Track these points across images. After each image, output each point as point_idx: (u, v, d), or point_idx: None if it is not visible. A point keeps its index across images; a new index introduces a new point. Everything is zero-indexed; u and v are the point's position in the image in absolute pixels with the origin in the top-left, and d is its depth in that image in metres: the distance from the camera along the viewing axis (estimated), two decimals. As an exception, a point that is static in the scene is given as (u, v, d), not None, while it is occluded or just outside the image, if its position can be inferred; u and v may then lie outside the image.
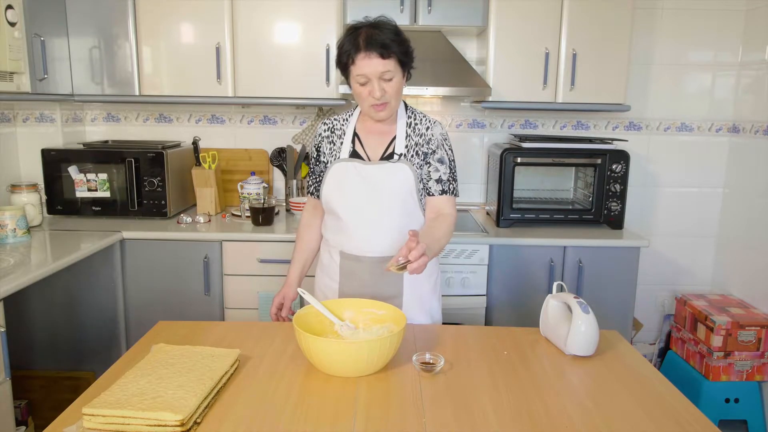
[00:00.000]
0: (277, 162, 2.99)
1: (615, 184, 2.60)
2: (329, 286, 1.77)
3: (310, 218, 1.85)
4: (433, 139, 1.67)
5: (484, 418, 1.16)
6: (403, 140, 1.66)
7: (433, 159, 1.67)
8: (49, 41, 2.43)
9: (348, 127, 1.72)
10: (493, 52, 2.62)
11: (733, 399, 2.63)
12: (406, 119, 1.69)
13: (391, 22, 1.58)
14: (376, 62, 1.51)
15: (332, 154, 1.71)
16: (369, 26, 1.54)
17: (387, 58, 1.52)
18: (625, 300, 2.54)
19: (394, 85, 1.56)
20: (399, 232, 1.65)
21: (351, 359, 1.28)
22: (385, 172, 1.64)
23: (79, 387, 2.45)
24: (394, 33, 1.54)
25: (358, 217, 1.66)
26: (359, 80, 1.55)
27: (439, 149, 1.67)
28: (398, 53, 1.54)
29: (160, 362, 1.26)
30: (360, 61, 1.52)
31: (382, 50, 1.51)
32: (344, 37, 1.56)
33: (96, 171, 2.59)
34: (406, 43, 1.58)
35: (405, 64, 1.58)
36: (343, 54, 1.55)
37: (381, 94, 1.55)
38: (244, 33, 2.60)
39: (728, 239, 3.02)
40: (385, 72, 1.53)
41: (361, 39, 1.51)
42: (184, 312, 2.47)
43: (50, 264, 1.96)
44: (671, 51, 2.96)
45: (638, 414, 1.19)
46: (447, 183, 1.68)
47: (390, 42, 1.52)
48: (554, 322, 1.52)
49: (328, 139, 1.74)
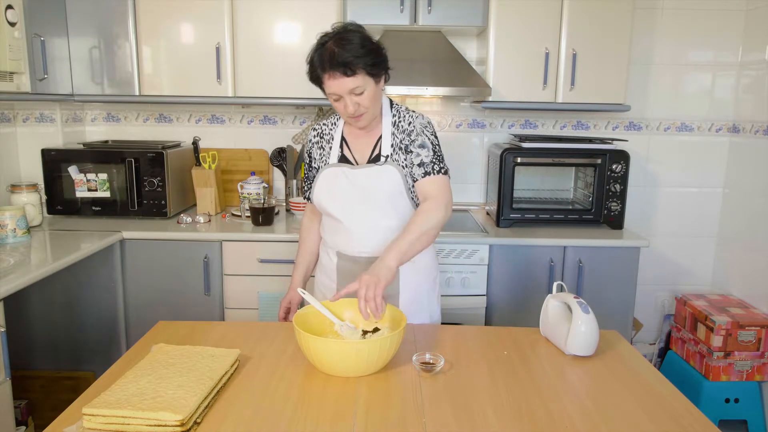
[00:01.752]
0: (277, 162, 2.99)
1: (615, 184, 2.60)
2: (328, 286, 1.78)
3: (309, 222, 1.87)
4: (414, 131, 1.65)
5: (484, 418, 1.16)
6: (388, 140, 1.66)
7: (414, 146, 1.64)
8: (49, 41, 2.42)
9: (336, 132, 1.73)
10: (493, 52, 2.62)
11: (733, 399, 2.63)
12: (391, 119, 1.68)
13: (358, 30, 1.53)
14: (341, 81, 1.50)
15: (322, 160, 1.73)
16: (334, 40, 1.50)
17: (353, 75, 1.49)
18: (625, 300, 2.54)
19: (367, 97, 1.54)
20: (393, 232, 1.65)
21: (351, 359, 1.28)
22: (373, 175, 1.64)
23: (79, 387, 2.45)
24: (359, 46, 1.49)
25: (351, 220, 1.67)
26: (332, 97, 1.56)
27: (419, 136, 1.64)
28: (365, 67, 1.50)
29: (160, 362, 1.26)
30: (327, 81, 1.52)
31: (345, 69, 1.48)
32: (312, 52, 1.54)
33: (96, 171, 2.59)
34: (374, 53, 1.53)
35: (375, 74, 1.54)
36: (312, 73, 1.55)
37: (354, 109, 1.55)
38: (244, 33, 2.60)
39: (728, 239, 3.02)
40: (354, 88, 1.51)
41: (326, 57, 1.49)
42: (184, 312, 2.47)
43: (50, 264, 1.96)
44: (671, 51, 2.96)
45: (638, 414, 1.19)
46: (430, 165, 1.63)
47: (353, 58, 1.47)
48: (554, 322, 1.52)
49: (318, 144, 1.75)
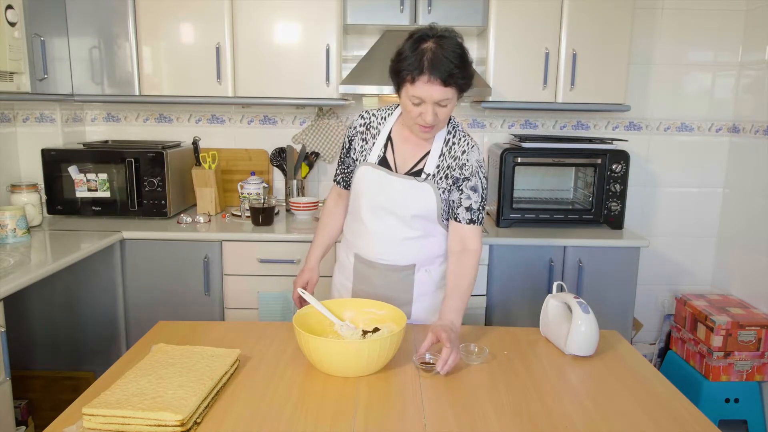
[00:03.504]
0: (277, 162, 2.99)
1: (615, 184, 2.60)
2: (344, 285, 1.77)
3: (333, 206, 1.82)
4: (468, 165, 1.57)
5: (484, 418, 1.16)
6: (435, 159, 1.58)
7: (466, 186, 1.58)
8: (49, 41, 2.42)
9: (384, 128, 1.63)
10: (493, 52, 2.62)
11: (733, 399, 2.63)
12: (445, 136, 1.60)
13: (456, 38, 1.45)
14: (436, 89, 1.41)
15: (362, 153, 1.64)
16: (435, 41, 1.42)
17: (449, 86, 1.41)
18: (625, 300, 2.54)
19: (448, 111, 1.48)
20: (415, 247, 1.63)
21: (351, 359, 1.28)
22: (409, 188, 1.58)
23: (79, 387, 2.45)
24: (459, 57, 1.41)
25: (375, 225, 1.63)
26: (413, 100, 1.45)
27: (473, 176, 1.58)
28: (460, 83, 1.43)
29: (160, 362, 1.26)
30: (421, 84, 1.41)
31: (447, 78, 1.39)
32: (407, 48, 1.44)
33: (96, 171, 2.59)
34: (469, 68, 1.46)
35: (464, 89, 1.47)
36: (403, 69, 1.43)
37: (433, 119, 1.46)
38: (244, 33, 2.60)
39: (728, 239, 3.02)
40: (442, 99, 1.43)
41: (426, 59, 1.39)
42: (184, 312, 2.47)
43: (50, 264, 1.96)
44: (671, 51, 2.96)
45: (638, 414, 1.19)
46: (477, 212, 1.59)
47: (455, 70, 1.40)
48: (554, 322, 1.52)
49: (362, 135, 1.65)
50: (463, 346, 1.45)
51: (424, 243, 1.64)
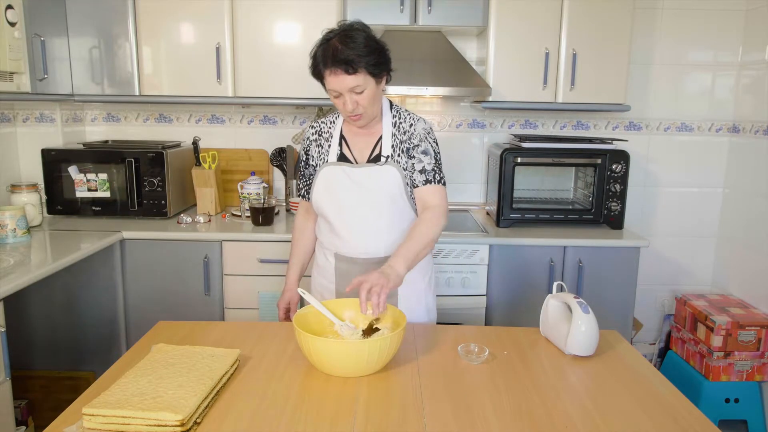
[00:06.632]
0: (277, 162, 2.99)
1: (615, 184, 2.60)
2: (326, 287, 1.78)
3: (303, 221, 1.87)
4: (415, 134, 1.66)
5: (484, 418, 1.16)
6: (389, 140, 1.66)
7: (416, 152, 1.65)
8: (49, 41, 2.42)
9: (335, 130, 1.72)
10: (493, 52, 2.62)
11: (733, 399, 2.63)
12: (392, 119, 1.68)
13: (363, 30, 1.54)
14: (342, 78, 1.50)
15: (320, 158, 1.73)
16: (339, 37, 1.51)
17: (354, 73, 1.49)
18: (625, 300, 2.54)
19: (367, 96, 1.54)
20: (391, 233, 1.67)
21: (351, 359, 1.28)
22: (374, 174, 1.64)
23: (79, 387, 2.45)
24: (363, 45, 1.50)
25: (349, 220, 1.67)
26: (332, 93, 1.56)
27: (422, 142, 1.66)
28: (367, 66, 1.50)
29: (160, 362, 1.26)
30: (328, 77, 1.52)
31: (347, 67, 1.48)
32: (316, 47, 1.55)
33: (96, 171, 2.59)
34: (377, 53, 1.53)
35: (376, 74, 1.54)
36: (314, 67, 1.55)
37: (353, 107, 1.55)
38: (244, 33, 2.60)
39: (728, 239, 3.02)
40: (354, 87, 1.51)
41: (329, 53, 1.49)
42: (184, 312, 2.47)
43: (50, 264, 1.96)
44: (671, 51, 2.96)
45: (638, 414, 1.19)
46: (431, 173, 1.65)
47: (356, 57, 1.48)
48: (554, 322, 1.52)
49: (316, 142, 1.75)
50: (463, 346, 1.45)
51: (399, 230, 1.67)
